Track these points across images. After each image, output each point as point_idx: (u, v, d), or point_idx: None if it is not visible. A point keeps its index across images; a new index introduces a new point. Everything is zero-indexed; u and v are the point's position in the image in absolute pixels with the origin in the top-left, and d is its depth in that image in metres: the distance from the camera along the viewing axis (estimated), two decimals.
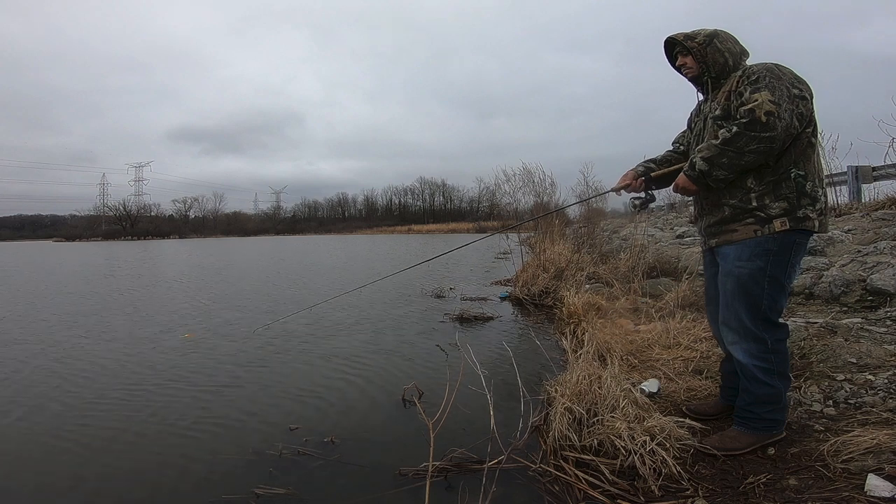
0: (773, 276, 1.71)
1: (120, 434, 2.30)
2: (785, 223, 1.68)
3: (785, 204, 1.68)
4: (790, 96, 1.59)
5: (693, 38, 1.82)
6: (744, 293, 1.74)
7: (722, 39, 1.80)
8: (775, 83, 1.60)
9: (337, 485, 1.83)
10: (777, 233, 1.69)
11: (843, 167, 6.60)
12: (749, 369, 1.75)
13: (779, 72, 1.64)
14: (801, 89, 1.62)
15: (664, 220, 12.58)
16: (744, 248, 1.74)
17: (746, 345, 1.75)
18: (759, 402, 1.75)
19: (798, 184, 1.67)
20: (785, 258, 1.70)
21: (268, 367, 3.35)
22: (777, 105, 1.56)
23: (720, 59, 1.79)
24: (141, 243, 42.01)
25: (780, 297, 1.74)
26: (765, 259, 1.70)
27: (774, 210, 1.69)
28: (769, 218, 1.70)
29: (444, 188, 78.69)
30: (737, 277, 1.75)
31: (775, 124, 1.56)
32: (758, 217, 1.71)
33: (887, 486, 1.40)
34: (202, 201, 77.42)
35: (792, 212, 1.68)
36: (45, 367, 3.43)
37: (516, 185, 7.23)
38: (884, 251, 3.68)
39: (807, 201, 1.68)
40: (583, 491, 1.65)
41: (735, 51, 1.80)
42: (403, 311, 5.43)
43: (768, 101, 1.57)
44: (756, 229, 1.72)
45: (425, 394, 2.67)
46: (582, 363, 2.20)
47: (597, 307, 4.08)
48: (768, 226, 1.70)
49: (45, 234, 74.38)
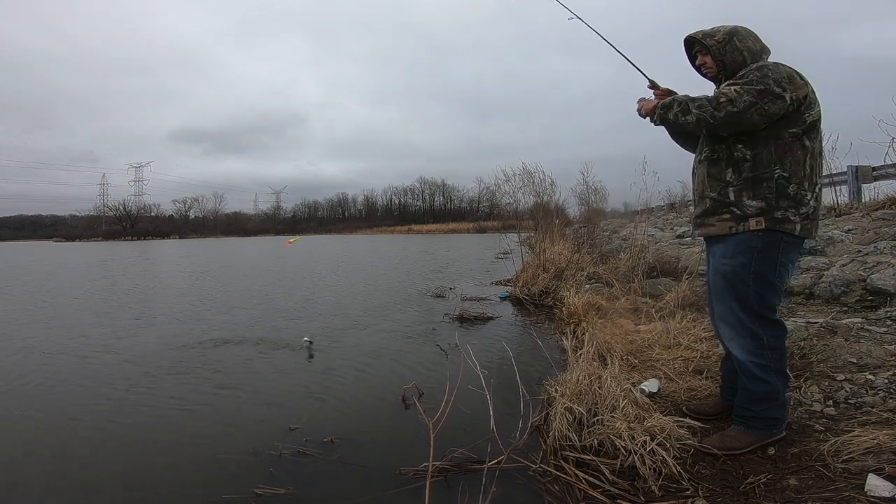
0: (759, 274, 1.70)
1: (120, 434, 2.30)
2: (761, 222, 1.67)
3: (762, 203, 1.67)
4: (761, 91, 1.58)
5: (712, 37, 1.79)
6: (731, 290, 1.75)
7: (742, 37, 1.76)
8: (754, 81, 1.60)
9: (337, 485, 1.83)
10: (753, 231, 1.67)
11: (843, 167, 6.59)
12: (746, 366, 1.75)
13: (767, 70, 1.62)
14: (783, 89, 1.59)
15: (664, 220, 12.58)
16: (727, 245, 1.75)
17: (742, 341, 1.75)
18: (756, 400, 1.75)
19: (780, 185, 1.65)
20: (771, 256, 1.69)
21: (268, 367, 3.35)
22: (739, 95, 1.59)
23: (738, 58, 1.75)
24: (141, 243, 42.02)
25: (770, 294, 1.73)
26: (748, 256, 1.70)
27: (751, 208, 1.68)
28: (745, 216, 1.69)
29: (444, 188, 78.86)
30: (723, 274, 1.77)
31: (723, 107, 1.60)
32: (734, 213, 1.71)
33: (887, 486, 1.40)
34: (202, 201, 77.58)
35: (769, 212, 1.66)
36: (45, 368, 3.43)
37: (516, 185, 7.24)
38: (884, 251, 3.68)
39: (787, 203, 1.66)
40: (583, 491, 1.65)
41: (755, 49, 1.76)
42: (403, 311, 5.43)
43: (733, 90, 1.61)
44: (731, 226, 1.72)
45: (425, 394, 2.67)
46: (582, 363, 2.20)
47: (597, 307, 4.08)
48: (744, 223, 1.69)
49: (46, 234, 74.42)
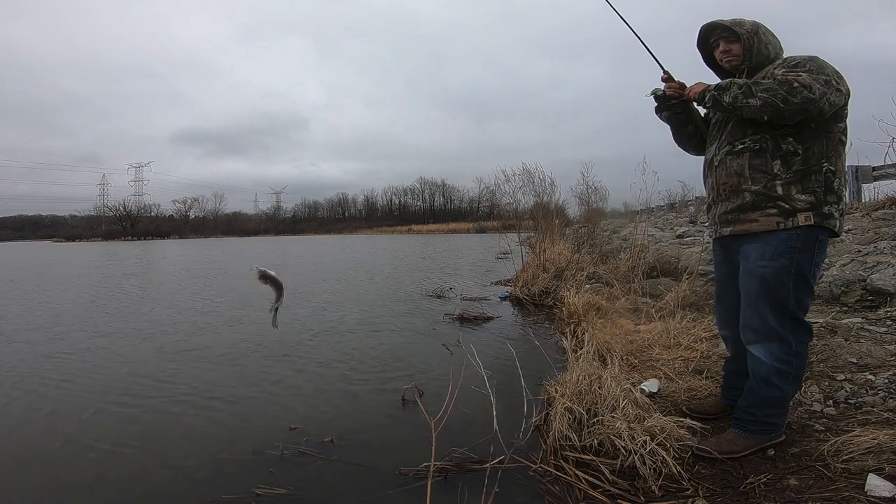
0: (799, 275, 1.65)
1: (119, 434, 2.30)
2: (810, 217, 1.61)
3: (812, 197, 1.62)
4: (827, 82, 1.55)
5: (741, 25, 1.77)
6: (769, 293, 1.67)
7: (765, 31, 1.78)
8: (815, 70, 1.58)
9: (337, 485, 1.83)
10: (801, 227, 1.62)
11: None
12: (764, 371, 1.70)
13: (822, 62, 1.61)
14: (838, 83, 1.58)
15: (664, 220, 12.59)
16: (766, 247, 1.67)
17: (769, 345, 1.69)
18: (762, 405, 1.72)
19: (828, 179, 1.62)
20: (809, 255, 1.64)
21: (268, 367, 3.34)
22: (813, 82, 1.54)
23: (764, 51, 1.75)
24: (141, 243, 42.01)
25: (807, 295, 1.69)
26: (789, 257, 1.64)
27: (801, 202, 1.62)
28: (794, 210, 1.62)
29: (444, 188, 78.85)
30: (760, 277, 1.68)
31: (798, 92, 1.53)
32: (781, 208, 1.64)
33: (887, 486, 1.40)
34: (202, 201, 77.46)
35: (818, 207, 1.62)
36: (43, 367, 3.43)
37: (516, 185, 7.22)
38: (884, 251, 3.68)
39: (833, 198, 1.63)
40: (583, 491, 1.65)
41: (776, 44, 1.78)
42: (404, 311, 5.43)
43: (805, 76, 1.55)
44: (779, 221, 1.64)
45: (426, 394, 2.67)
46: (582, 363, 2.19)
47: (597, 307, 4.08)
48: (792, 218, 1.62)
49: (46, 234, 74.41)
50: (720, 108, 1.73)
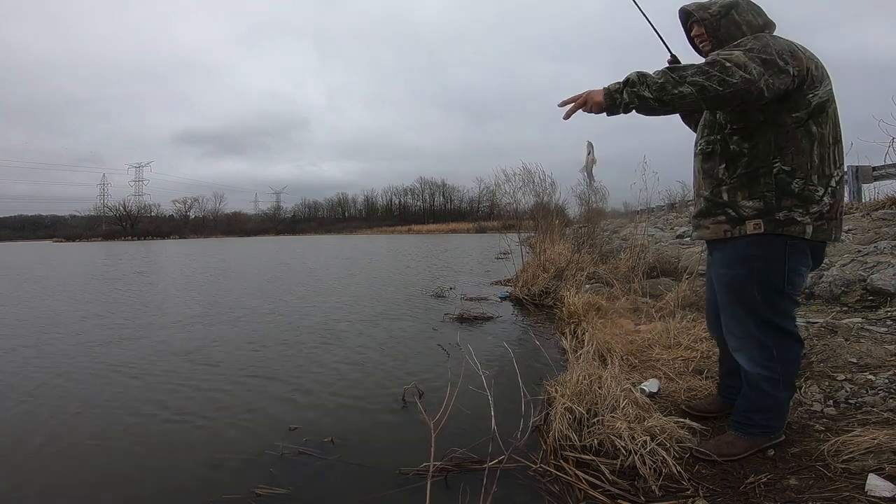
0: (765, 282, 1.54)
1: (120, 434, 2.30)
2: (759, 225, 1.49)
3: (759, 203, 1.49)
4: (765, 61, 1.37)
5: (706, 9, 1.63)
6: (736, 300, 1.62)
7: (742, 11, 1.59)
8: (756, 48, 1.40)
9: (337, 485, 1.82)
10: (751, 235, 1.51)
11: (844, 167, 6.58)
12: (753, 377, 1.65)
13: (767, 39, 1.44)
14: (786, 63, 1.40)
15: (664, 220, 12.58)
16: (724, 254, 1.61)
17: (750, 352, 1.64)
18: (757, 410, 1.69)
19: (780, 181, 1.47)
20: (774, 263, 1.51)
21: (267, 368, 3.34)
22: (749, 61, 1.35)
23: (735, 33, 1.56)
24: (141, 243, 42.02)
25: (780, 302, 1.57)
26: (747, 266, 1.54)
27: (747, 209, 1.51)
28: (741, 218, 1.52)
29: (443, 188, 78.96)
30: (725, 284, 1.64)
31: (735, 72, 1.33)
32: (728, 215, 1.55)
33: (888, 486, 1.40)
34: (202, 201, 77.62)
35: (768, 213, 1.49)
36: (42, 368, 3.43)
37: (516, 185, 7.22)
38: (884, 251, 3.68)
39: (792, 202, 1.47)
40: (583, 491, 1.65)
41: (756, 23, 1.58)
42: (404, 311, 5.43)
43: (738, 53, 1.37)
44: (726, 229, 1.56)
45: (425, 394, 2.66)
46: (582, 363, 2.19)
47: (597, 307, 4.08)
48: (740, 227, 1.52)
49: (46, 234, 74.54)
50: (647, 108, 1.43)
